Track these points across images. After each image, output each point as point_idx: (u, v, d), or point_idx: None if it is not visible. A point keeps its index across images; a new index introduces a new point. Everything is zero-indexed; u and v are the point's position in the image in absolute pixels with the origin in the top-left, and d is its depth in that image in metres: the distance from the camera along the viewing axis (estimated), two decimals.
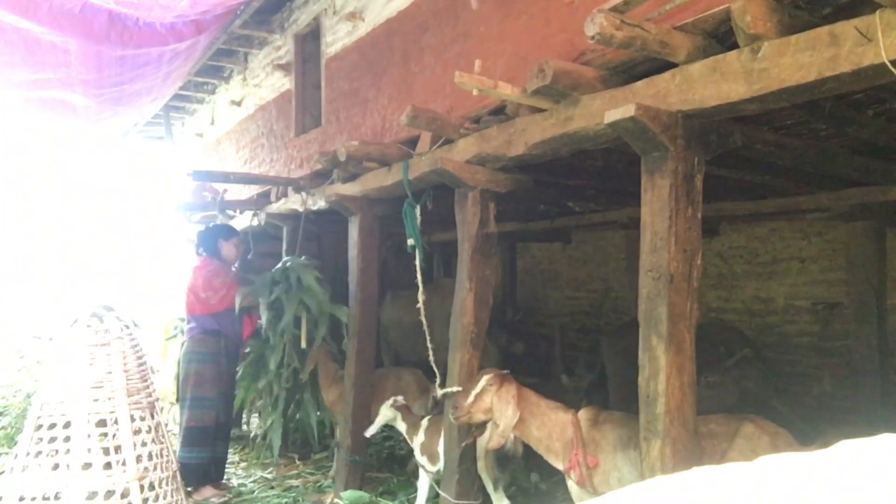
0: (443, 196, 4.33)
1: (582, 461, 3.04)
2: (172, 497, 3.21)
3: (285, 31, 6.81)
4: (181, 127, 10.38)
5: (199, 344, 5.29)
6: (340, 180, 5.25)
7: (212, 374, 5.23)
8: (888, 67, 2.04)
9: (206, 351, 5.26)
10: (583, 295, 8.54)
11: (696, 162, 2.79)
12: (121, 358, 3.18)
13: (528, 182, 4.13)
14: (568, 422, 3.15)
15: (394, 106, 4.87)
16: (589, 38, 2.45)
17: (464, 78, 3.14)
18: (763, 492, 0.93)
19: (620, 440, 3.09)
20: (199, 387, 5.17)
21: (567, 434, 3.13)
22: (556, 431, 3.19)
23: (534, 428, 3.24)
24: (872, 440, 0.99)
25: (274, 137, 7.15)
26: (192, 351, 5.30)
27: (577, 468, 3.05)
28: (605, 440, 3.10)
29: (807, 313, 6.17)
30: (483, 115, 3.86)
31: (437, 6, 4.41)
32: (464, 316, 3.98)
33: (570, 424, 3.13)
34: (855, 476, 0.91)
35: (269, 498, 5.21)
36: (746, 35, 2.36)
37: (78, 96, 6.48)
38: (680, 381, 2.70)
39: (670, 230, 2.70)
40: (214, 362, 5.26)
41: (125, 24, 5.16)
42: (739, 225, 6.61)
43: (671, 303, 2.69)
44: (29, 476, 3.00)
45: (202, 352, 5.27)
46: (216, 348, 5.29)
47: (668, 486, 1.01)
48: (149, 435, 3.19)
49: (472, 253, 3.98)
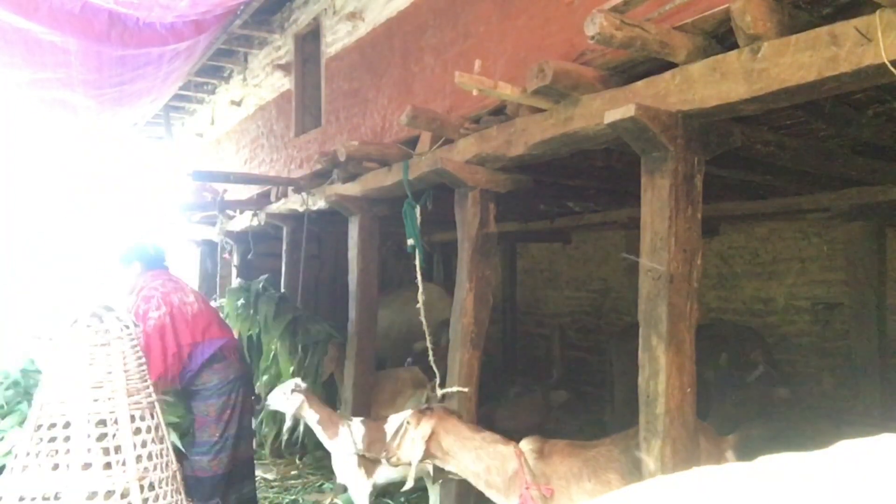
0: (443, 196, 4.33)
1: (536, 495, 2.80)
2: (172, 497, 3.21)
3: (285, 31, 6.81)
4: (181, 127, 10.39)
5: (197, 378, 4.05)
6: (340, 180, 5.25)
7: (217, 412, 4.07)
8: (888, 67, 2.04)
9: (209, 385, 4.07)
10: (583, 295, 8.54)
11: (696, 162, 2.79)
12: (121, 358, 3.17)
13: (528, 182, 4.13)
14: (509, 454, 2.92)
15: (394, 106, 4.87)
16: (589, 38, 2.45)
17: (464, 78, 3.14)
18: (763, 492, 0.93)
19: (571, 472, 2.87)
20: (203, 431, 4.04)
21: (509, 467, 2.90)
22: (494, 465, 2.95)
23: (469, 462, 3.01)
24: (872, 440, 0.99)
25: (274, 137, 7.15)
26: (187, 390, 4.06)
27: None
28: (555, 473, 2.87)
29: (807, 313, 6.17)
30: (483, 115, 3.86)
31: (437, 6, 4.41)
32: (464, 316, 3.98)
33: (511, 457, 2.90)
34: (855, 476, 0.91)
35: (270, 498, 5.21)
36: (746, 35, 2.36)
37: (78, 96, 6.48)
38: (680, 381, 2.70)
39: (670, 230, 2.70)
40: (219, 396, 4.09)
41: (125, 25, 5.16)
42: (739, 225, 6.61)
43: (671, 303, 2.69)
44: (29, 476, 2.99)
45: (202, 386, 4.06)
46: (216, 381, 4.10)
47: (668, 486, 1.01)
48: (149, 435, 3.19)
49: (472, 253, 3.97)
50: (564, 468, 2.89)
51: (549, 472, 2.88)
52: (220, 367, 4.10)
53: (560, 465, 2.91)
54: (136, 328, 3.29)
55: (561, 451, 2.97)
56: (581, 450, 2.98)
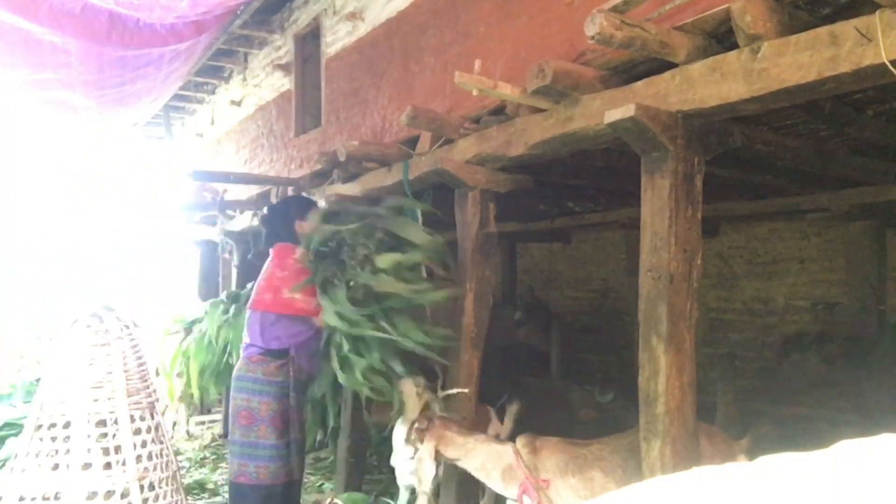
0: (443, 196, 4.33)
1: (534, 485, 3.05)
2: (172, 497, 3.21)
3: (285, 32, 6.81)
4: (181, 127, 10.39)
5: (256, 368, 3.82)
6: (340, 180, 5.24)
7: (270, 414, 3.77)
8: (888, 67, 2.04)
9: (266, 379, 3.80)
10: (583, 295, 8.55)
11: (696, 162, 2.79)
12: (121, 358, 3.18)
13: (527, 182, 4.13)
14: (504, 451, 3.21)
15: (394, 106, 4.87)
16: (589, 38, 2.45)
17: (464, 78, 3.14)
18: (763, 492, 0.93)
19: (558, 466, 3.10)
20: (252, 429, 3.76)
21: (503, 462, 3.18)
22: (489, 461, 3.24)
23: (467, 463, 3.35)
24: (872, 440, 0.99)
25: (274, 137, 7.15)
26: (244, 377, 3.84)
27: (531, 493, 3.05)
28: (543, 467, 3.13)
29: (807, 313, 6.17)
30: (483, 115, 3.86)
31: (437, 6, 4.41)
32: (464, 316, 3.98)
33: (505, 453, 3.19)
34: (855, 476, 0.91)
35: None
36: (746, 35, 2.36)
37: (79, 97, 6.49)
38: (680, 381, 2.70)
39: (670, 230, 2.70)
40: (276, 397, 3.80)
41: (125, 25, 5.16)
42: (739, 225, 6.62)
43: (671, 303, 2.69)
44: (29, 476, 3.00)
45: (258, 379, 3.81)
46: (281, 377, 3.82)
47: (668, 486, 1.01)
48: (149, 435, 3.19)
49: (472, 253, 3.97)
50: (551, 462, 3.10)
51: (538, 466, 3.10)
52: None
53: (548, 459, 3.11)
54: (136, 328, 3.30)
55: (551, 447, 3.16)
56: (570, 447, 3.16)
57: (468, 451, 3.31)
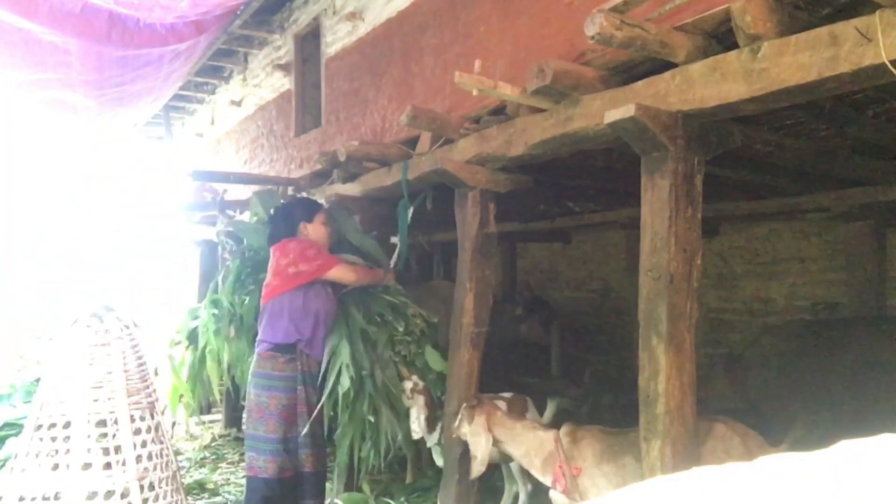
0: (443, 196, 4.33)
1: (567, 472, 3.19)
2: (172, 497, 3.21)
3: (285, 32, 6.81)
4: (181, 127, 10.39)
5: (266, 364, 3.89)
6: (340, 180, 5.25)
7: (279, 408, 3.84)
8: (888, 67, 2.04)
9: (274, 374, 3.87)
10: (583, 295, 8.54)
11: (696, 162, 2.79)
12: (121, 358, 3.18)
13: (528, 182, 4.13)
14: (547, 438, 3.36)
15: (394, 106, 4.87)
16: (589, 38, 2.45)
17: (464, 78, 3.14)
18: (763, 492, 0.93)
19: (594, 455, 3.24)
20: (261, 422, 3.84)
21: (545, 450, 3.33)
22: (532, 448, 3.40)
23: (512, 448, 3.51)
24: (872, 440, 0.99)
25: (274, 137, 7.16)
26: (256, 372, 3.92)
27: (561, 480, 3.20)
28: (580, 455, 3.26)
29: (807, 313, 6.17)
30: (483, 115, 3.86)
31: (437, 6, 4.41)
32: (464, 316, 3.98)
33: (548, 441, 3.34)
34: (855, 476, 0.91)
35: None
36: (746, 35, 2.36)
37: (79, 97, 6.49)
38: (680, 381, 2.70)
39: (670, 230, 2.70)
40: (284, 391, 3.86)
41: (126, 25, 5.16)
42: (739, 225, 6.62)
43: (671, 303, 2.69)
44: (29, 476, 3.00)
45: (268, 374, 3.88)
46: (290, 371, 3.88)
47: (668, 486, 1.01)
48: (149, 435, 3.19)
49: (472, 253, 3.98)
50: (590, 451, 3.25)
51: (577, 455, 3.25)
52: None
53: (586, 448, 3.25)
54: (136, 328, 3.30)
55: (591, 436, 3.30)
56: (608, 436, 3.27)
57: (515, 436, 3.47)
